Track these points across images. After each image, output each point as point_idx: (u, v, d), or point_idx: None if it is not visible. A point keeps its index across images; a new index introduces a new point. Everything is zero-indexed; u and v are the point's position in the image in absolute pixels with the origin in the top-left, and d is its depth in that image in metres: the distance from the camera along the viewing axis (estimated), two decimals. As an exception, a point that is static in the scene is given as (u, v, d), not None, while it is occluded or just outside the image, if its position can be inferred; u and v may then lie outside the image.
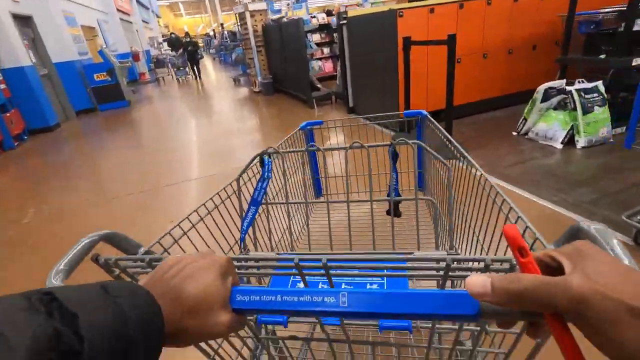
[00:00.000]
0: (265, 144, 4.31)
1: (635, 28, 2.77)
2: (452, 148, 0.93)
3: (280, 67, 6.86)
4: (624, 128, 3.11)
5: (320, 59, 8.06)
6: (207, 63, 20.40)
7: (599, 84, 2.96)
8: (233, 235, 0.91)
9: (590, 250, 0.30)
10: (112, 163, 4.55)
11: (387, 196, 0.98)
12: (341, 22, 4.65)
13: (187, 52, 11.31)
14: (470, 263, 0.40)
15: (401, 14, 3.45)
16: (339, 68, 5.23)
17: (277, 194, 1.12)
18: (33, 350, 0.25)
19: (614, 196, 2.19)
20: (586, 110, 2.88)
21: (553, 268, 0.31)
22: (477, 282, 0.31)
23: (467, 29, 3.77)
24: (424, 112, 1.27)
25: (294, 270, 0.43)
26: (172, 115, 7.12)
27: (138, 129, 6.49)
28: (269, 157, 0.94)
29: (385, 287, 0.70)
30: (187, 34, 12.37)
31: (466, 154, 0.85)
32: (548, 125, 3.11)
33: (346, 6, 4.67)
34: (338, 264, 0.42)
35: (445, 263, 0.37)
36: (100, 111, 8.43)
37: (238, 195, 0.93)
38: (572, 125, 2.98)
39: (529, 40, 4.10)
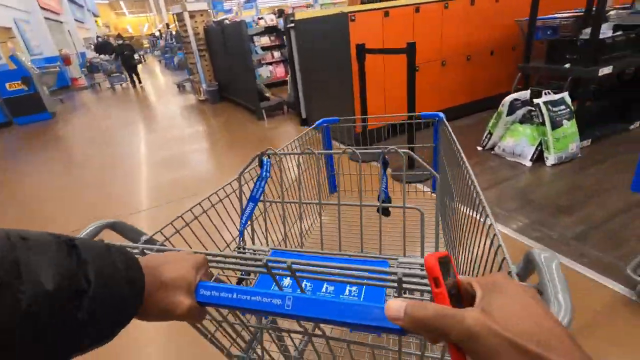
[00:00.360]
0: (217, 177, 3.73)
1: (600, 36, 2.58)
2: (457, 154, 0.94)
3: (225, 74, 6.25)
4: (590, 141, 2.94)
5: (270, 63, 7.53)
6: (153, 66, 19.03)
7: (566, 95, 2.75)
8: (236, 228, 0.95)
9: (505, 285, 0.31)
10: (13, 194, 3.73)
11: (378, 199, 1.04)
12: (289, 26, 4.19)
13: (122, 56, 10.12)
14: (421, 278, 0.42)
15: (353, 18, 3.05)
16: (289, 76, 4.76)
17: (286, 191, 1.12)
18: (59, 277, 0.32)
19: (601, 227, 1.93)
20: (555, 125, 2.66)
21: (472, 295, 0.32)
22: (394, 306, 0.32)
23: (425, 34, 3.46)
24: (441, 114, 1.28)
25: (264, 269, 0.47)
26: (99, 132, 6.23)
27: (57, 148, 5.57)
28: (268, 157, 0.99)
29: (363, 292, 0.72)
30: (119, 35, 11.19)
31: (466, 162, 0.85)
32: (515, 141, 2.86)
33: (293, 7, 4.20)
34: (302, 267, 0.45)
35: (397, 277, 0.40)
36: (17, 125, 7.29)
37: (239, 193, 0.98)
38: (540, 140, 2.75)
39: (486, 45, 3.90)
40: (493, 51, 3.95)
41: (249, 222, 0.95)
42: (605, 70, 2.64)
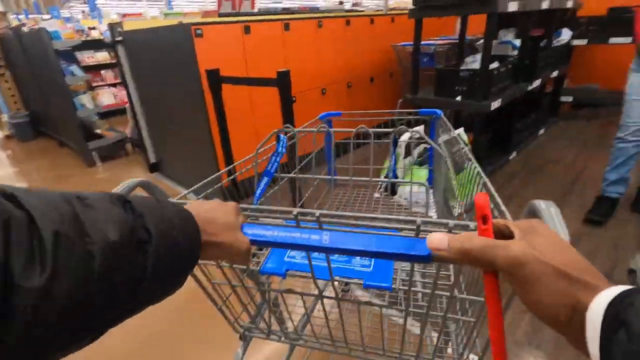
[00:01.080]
0: None
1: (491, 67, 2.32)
2: (462, 149, 0.99)
3: (39, 101, 4.51)
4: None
5: (114, 84, 5.96)
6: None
7: (461, 131, 2.42)
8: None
9: (540, 227, 0.36)
10: None
11: (386, 177, 1.08)
12: (117, 39, 3.02)
13: None
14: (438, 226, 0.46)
15: (199, 32, 2.16)
16: (128, 106, 3.53)
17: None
18: (121, 231, 0.33)
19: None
20: (458, 168, 2.27)
21: (508, 236, 0.36)
22: (437, 237, 0.38)
23: (300, 57, 2.81)
24: (440, 112, 1.30)
25: (293, 223, 0.49)
26: None
27: None
28: (285, 134, 1.01)
29: (372, 262, 0.74)
30: None
31: (470, 156, 0.91)
32: (419, 187, 2.39)
33: (124, 15, 3.10)
34: (329, 219, 0.49)
35: (416, 225, 0.44)
36: None
37: (255, 167, 0.98)
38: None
39: (366, 71, 3.50)
40: (373, 78, 3.58)
41: (262, 197, 0.97)
42: (496, 103, 2.40)
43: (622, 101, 2.01)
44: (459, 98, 2.44)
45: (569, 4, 3.17)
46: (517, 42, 2.87)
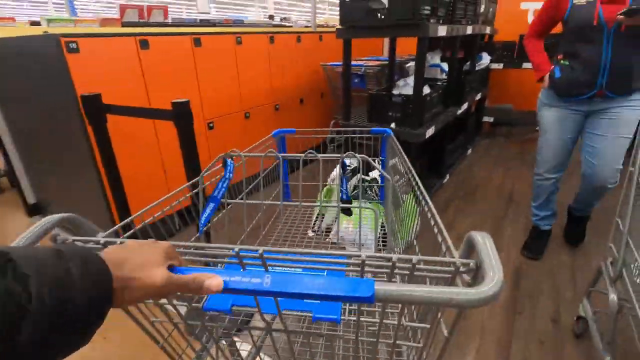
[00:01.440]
0: None
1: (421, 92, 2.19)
2: (406, 168, 1.01)
3: None
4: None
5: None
6: None
7: (397, 162, 2.24)
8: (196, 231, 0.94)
9: None
10: None
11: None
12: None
13: None
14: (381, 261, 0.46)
15: (73, 45, 1.67)
16: (-5, 131, 2.77)
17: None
18: None
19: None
20: (397, 203, 2.07)
21: None
22: None
23: (214, 77, 2.42)
24: (390, 130, 1.38)
25: (235, 260, 0.48)
26: None
27: None
28: (231, 159, 1.01)
29: None
30: None
31: (415, 175, 0.90)
32: (354, 226, 2.15)
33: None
34: (273, 256, 0.47)
35: (360, 260, 0.45)
36: None
37: (199, 193, 0.96)
38: (382, 222, 2.13)
39: (295, 92, 3.22)
40: (302, 99, 3.32)
41: (208, 224, 0.93)
42: (430, 131, 2.27)
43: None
44: (393, 125, 2.27)
45: (487, 30, 3.28)
46: (445, 66, 2.84)
